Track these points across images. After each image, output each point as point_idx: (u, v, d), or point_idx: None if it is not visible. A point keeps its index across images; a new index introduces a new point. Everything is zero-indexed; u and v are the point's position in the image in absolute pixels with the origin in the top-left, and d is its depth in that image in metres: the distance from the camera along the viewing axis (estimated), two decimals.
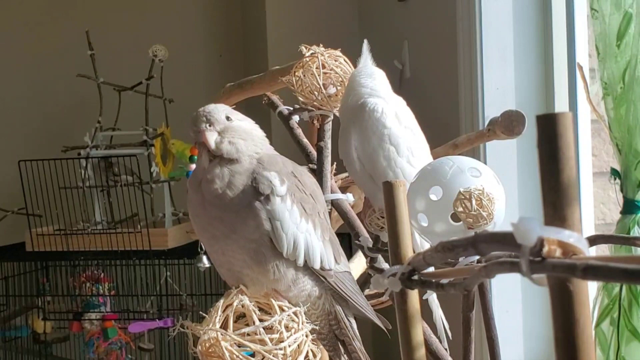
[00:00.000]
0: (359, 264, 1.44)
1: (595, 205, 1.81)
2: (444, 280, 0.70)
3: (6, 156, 2.89)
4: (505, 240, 0.48)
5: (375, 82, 1.25)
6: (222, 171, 1.04)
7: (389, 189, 0.77)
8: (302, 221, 1.06)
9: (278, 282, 1.06)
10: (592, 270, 0.42)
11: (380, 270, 1.07)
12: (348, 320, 1.15)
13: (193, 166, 1.49)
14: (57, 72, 3.08)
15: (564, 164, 0.47)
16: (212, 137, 1.04)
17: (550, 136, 0.47)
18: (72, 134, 2.78)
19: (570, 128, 0.47)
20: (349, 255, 1.48)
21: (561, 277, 0.47)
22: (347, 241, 2.14)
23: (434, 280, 0.68)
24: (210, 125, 1.05)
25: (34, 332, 2.60)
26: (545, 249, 0.46)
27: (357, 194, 1.45)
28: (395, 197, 0.77)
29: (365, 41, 1.29)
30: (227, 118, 1.06)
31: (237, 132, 1.06)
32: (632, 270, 0.40)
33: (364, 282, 1.34)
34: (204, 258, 2.31)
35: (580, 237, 0.47)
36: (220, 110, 1.06)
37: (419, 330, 0.77)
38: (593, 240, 0.91)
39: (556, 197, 0.47)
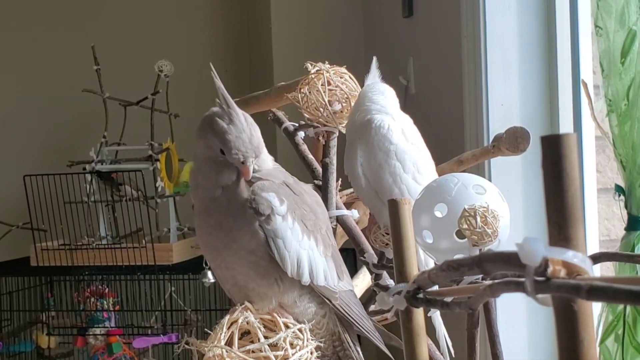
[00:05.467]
0: (363, 280, 1.44)
1: (599, 222, 1.81)
2: (449, 299, 0.70)
3: (11, 171, 2.90)
4: (510, 260, 0.49)
5: (385, 99, 1.25)
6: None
7: (394, 206, 0.77)
8: (304, 238, 1.06)
9: (284, 295, 1.05)
10: (596, 291, 0.43)
11: (385, 288, 1.07)
12: (352, 342, 1.14)
13: None
14: (62, 87, 3.08)
15: (568, 184, 0.47)
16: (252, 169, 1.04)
17: (554, 157, 0.47)
18: (77, 149, 2.78)
19: (575, 149, 0.48)
20: (354, 271, 1.48)
21: (566, 298, 0.48)
22: (352, 257, 2.14)
23: (439, 299, 0.68)
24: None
25: (38, 347, 2.59)
26: (550, 269, 0.47)
27: (362, 210, 1.45)
28: (401, 215, 0.77)
29: (375, 58, 1.30)
30: None
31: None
32: (637, 292, 0.40)
33: (369, 298, 1.34)
34: (209, 273, 2.31)
35: (584, 258, 0.48)
36: None
37: (424, 347, 0.77)
38: (597, 258, 0.91)
39: (561, 218, 0.48)
